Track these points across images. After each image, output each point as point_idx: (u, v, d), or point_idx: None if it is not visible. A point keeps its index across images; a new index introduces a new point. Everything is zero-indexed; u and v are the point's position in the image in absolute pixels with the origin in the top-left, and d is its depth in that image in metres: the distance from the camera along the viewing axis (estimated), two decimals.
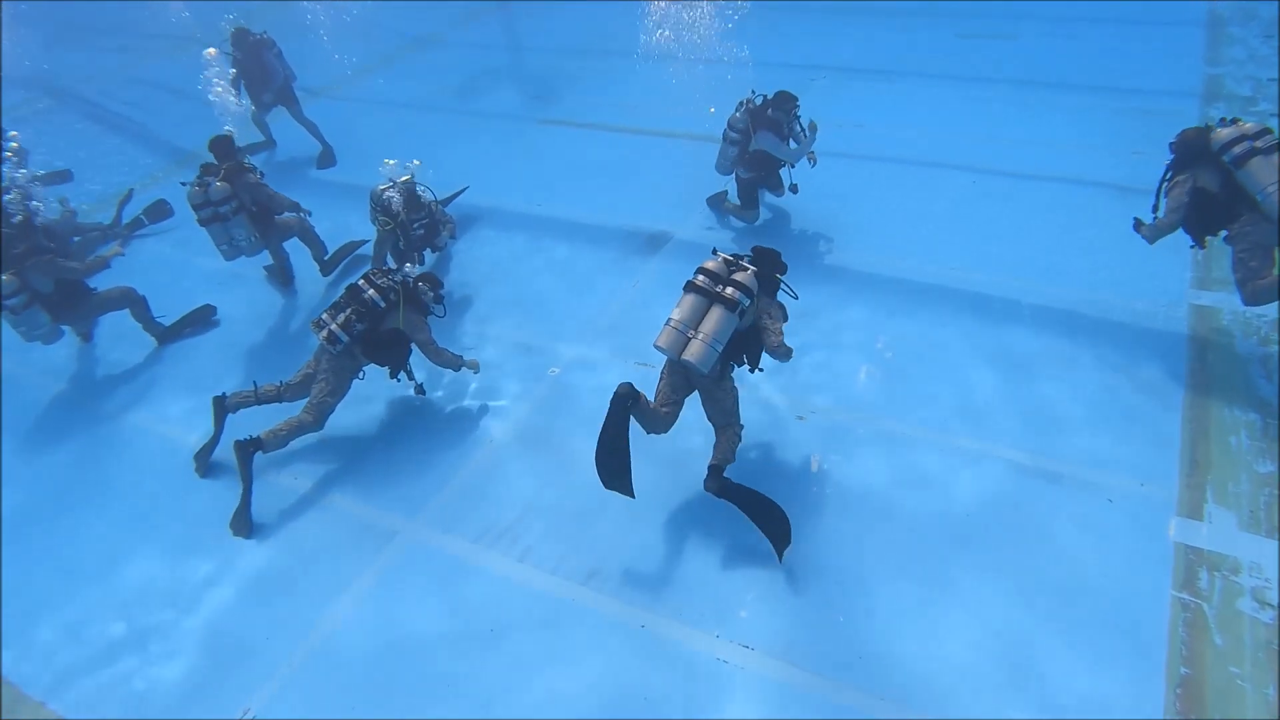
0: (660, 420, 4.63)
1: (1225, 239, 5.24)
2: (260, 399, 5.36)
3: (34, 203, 6.71)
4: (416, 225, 6.79)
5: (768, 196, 7.42)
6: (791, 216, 7.50)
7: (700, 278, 4.45)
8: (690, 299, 4.41)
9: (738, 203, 7.33)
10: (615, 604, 4.31)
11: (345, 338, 5.15)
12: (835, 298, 6.33)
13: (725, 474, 4.50)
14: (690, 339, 4.32)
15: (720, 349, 4.36)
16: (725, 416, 4.63)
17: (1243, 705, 3.60)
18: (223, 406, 5.35)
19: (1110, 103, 8.80)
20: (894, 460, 4.96)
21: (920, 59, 10.52)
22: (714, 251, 4.60)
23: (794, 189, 7.10)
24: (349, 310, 5.20)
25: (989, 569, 4.27)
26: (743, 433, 4.68)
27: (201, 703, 4.10)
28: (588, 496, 4.92)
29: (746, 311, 4.44)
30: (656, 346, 4.39)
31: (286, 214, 6.90)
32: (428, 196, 6.92)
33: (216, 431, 5.35)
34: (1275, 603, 3.95)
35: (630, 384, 4.34)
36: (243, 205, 6.49)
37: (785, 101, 6.75)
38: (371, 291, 5.25)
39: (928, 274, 6.45)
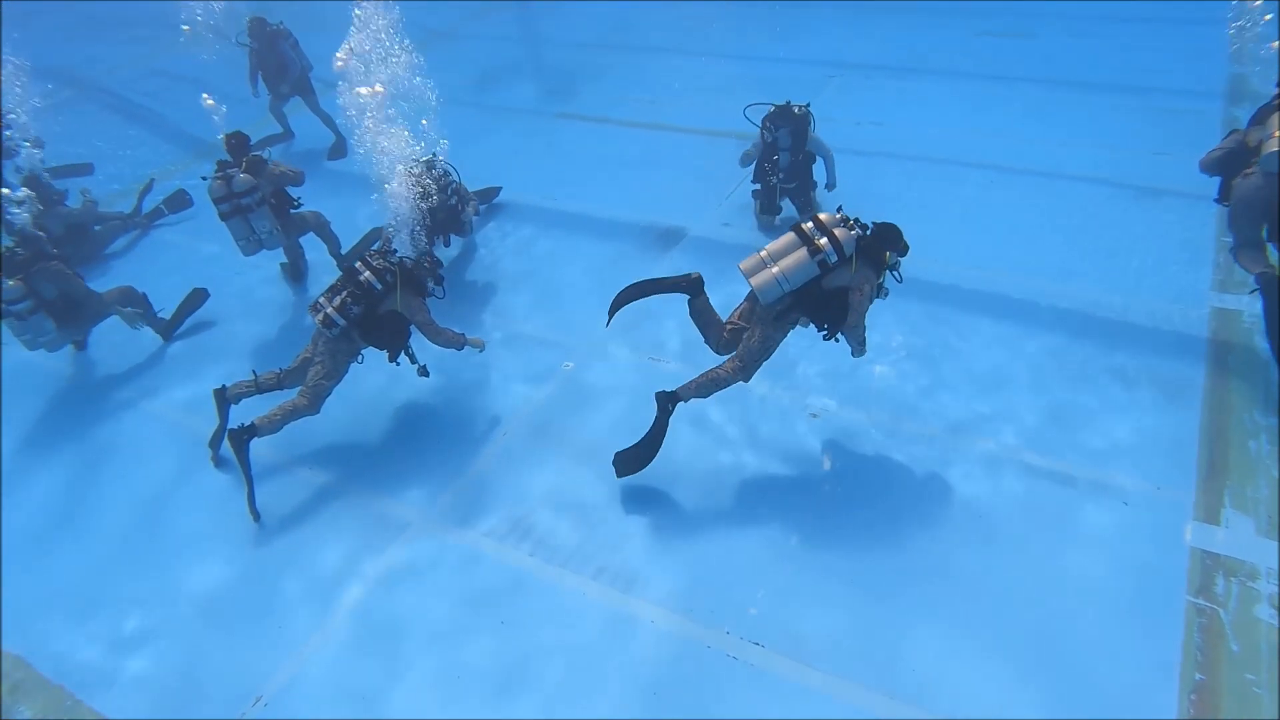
0: (715, 332, 4.81)
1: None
2: (261, 388, 5.35)
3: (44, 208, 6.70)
4: (443, 201, 6.81)
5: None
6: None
7: (808, 223, 4.51)
8: (789, 236, 4.53)
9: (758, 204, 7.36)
10: (625, 600, 4.32)
11: (341, 320, 5.08)
12: None
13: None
14: (767, 268, 4.45)
15: (787, 288, 4.46)
16: (745, 355, 4.67)
17: (1258, 712, 3.56)
18: (224, 398, 5.34)
19: (1132, 102, 8.71)
20: (906, 460, 4.94)
21: (939, 57, 10.44)
22: (838, 209, 4.63)
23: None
24: (345, 293, 5.12)
25: (1002, 570, 4.24)
26: (732, 386, 4.75)
27: (214, 690, 4.13)
28: (599, 492, 4.94)
29: (832, 269, 4.46)
30: (739, 267, 4.58)
31: (304, 209, 6.92)
32: (451, 175, 6.97)
33: (222, 422, 5.36)
34: None
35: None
36: (265, 197, 6.51)
37: (774, 116, 6.88)
38: (368, 274, 5.16)
39: (944, 273, 6.41)
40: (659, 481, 4.97)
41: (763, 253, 4.53)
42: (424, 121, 6.90)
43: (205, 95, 7.72)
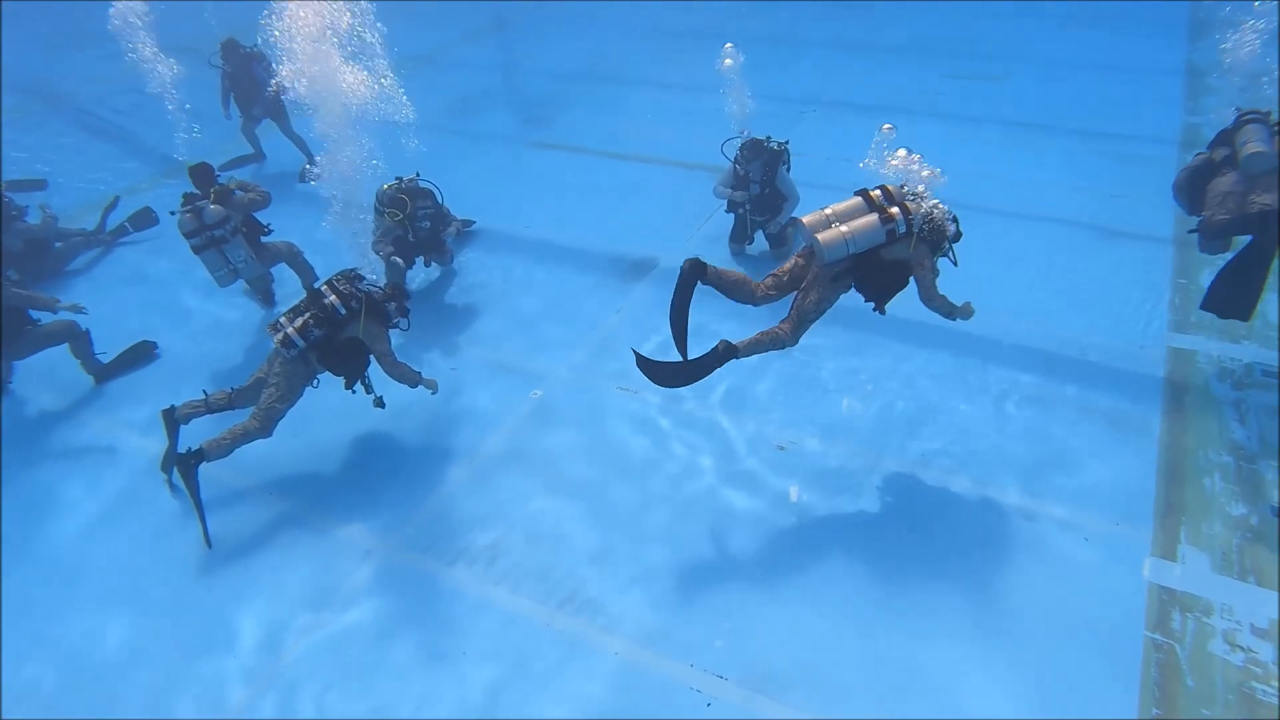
0: (745, 289, 4.70)
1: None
2: (211, 408, 5.23)
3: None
4: (422, 216, 6.83)
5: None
6: None
7: (876, 190, 4.55)
8: (856, 200, 4.58)
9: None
10: (589, 630, 4.27)
11: (301, 342, 4.98)
12: (817, 330, 6.35)
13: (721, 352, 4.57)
14: (834, 226, 4.46)
15: (852, 249, 4.48)
16: (800, 315, 4.66)
17: None
18: (173, 418, 5.21)
19: (1093, 146, 8.95)
20: (871, 494, 4.97)
21: (909, 97, 10.68)
22: (902, 185, 4.70)
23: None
24: (307, 315, 5.03)
25: (964, 606, 4.26)
26: (784, 347, 4.70)
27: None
28: (566, 521, 4.91)
29: (898, 240, 4.52)
30: (800, 221, 4.57)
31: (276, 239, 6.81)
32: (435, 195, 7.02)
33: (172, 443, 5.22)
34: (1246, 645, 3.97)
35: (696, 260, 4.55)
36: (237, 227, 6.37)
37: (746, 149, 6.99)
38: (333, 298, 5.08)
39: (909, 309, 6.45)
40: (625, 512, 4.95)
41: (828, 210, 4.55)
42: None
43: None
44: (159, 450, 5.41)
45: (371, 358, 5.28)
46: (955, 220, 4.77)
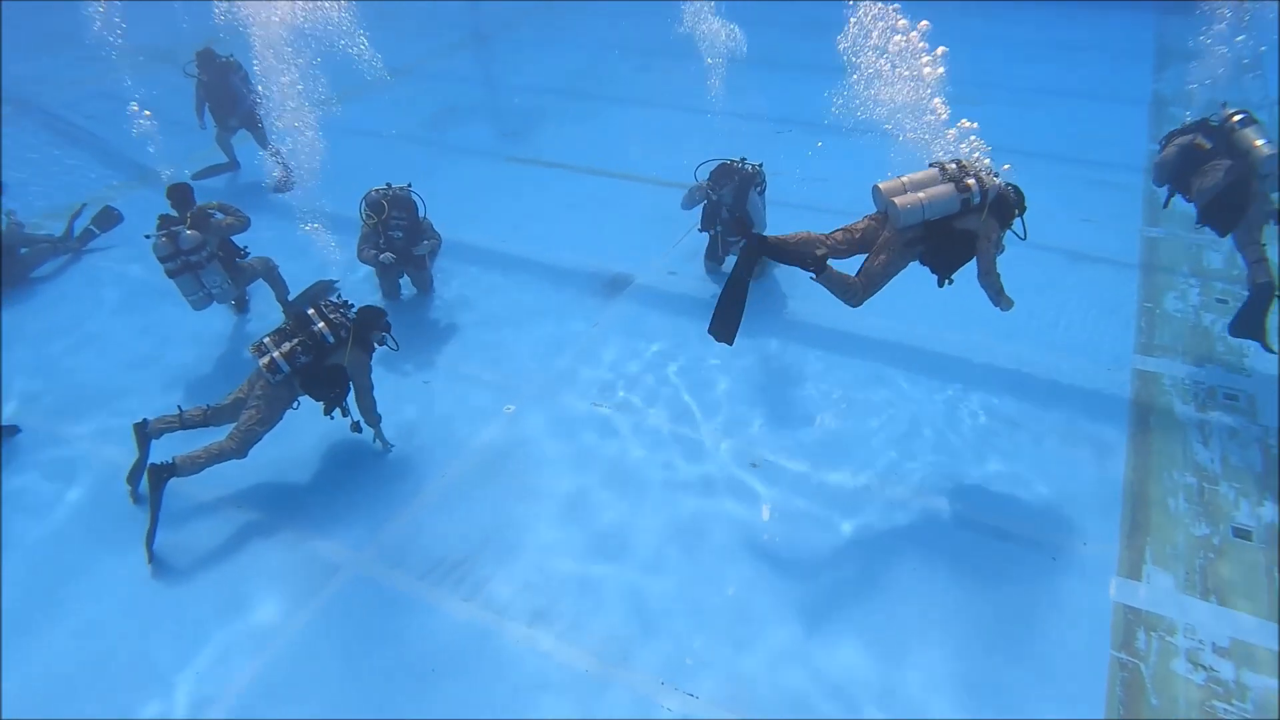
0: (812, 250, 4.53)
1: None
2: (185, 424, 5.14)
3: None
4: (395, 225, 6.81)
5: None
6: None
7: (952, 164, 4.62)
8: (931, 171, 4.63)
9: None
10: (560, 646, 4.24)
11: (286, 368, 4.96)
12: (794, 348, 6.41)
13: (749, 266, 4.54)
14: (908, 192, 4.49)
15: (927, 215, 4.51)
16: (869, 274, 4.65)
17: None
18: (144, 433, 5.11)
19: (1061, 171, 9.12)
20: (843, 511, 4.99)
21: (885, 118, 10.81)
22: (975, 156, 4.80)
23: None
24: (295, 340, 5.00)
25: (933, 624, 4.29)
26: (848, 302, 4.68)
27: None
28: (537, 536, 4.88)
29: (970, 210, 4.57)
30: (875, 186, 4.61)
31: (251, 257, 6.73)
32: (419, 209, 7.00)
33: (142, 457, 5.11)
34: (1208, 665, 4.02)
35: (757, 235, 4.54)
36: (214, 252, 6.25)
37: (718, 173, 7.02)
38: (322, 325, 5.06)
39: (883, 329, 6.56)
40: (597, 528, 4.93)
41: (904, 179, 4.59)
42: None
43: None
44: (120, 460, 5.29)
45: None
46: (1019, 193, 4.88)
